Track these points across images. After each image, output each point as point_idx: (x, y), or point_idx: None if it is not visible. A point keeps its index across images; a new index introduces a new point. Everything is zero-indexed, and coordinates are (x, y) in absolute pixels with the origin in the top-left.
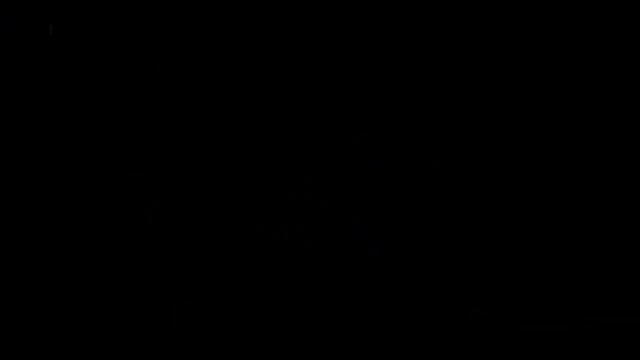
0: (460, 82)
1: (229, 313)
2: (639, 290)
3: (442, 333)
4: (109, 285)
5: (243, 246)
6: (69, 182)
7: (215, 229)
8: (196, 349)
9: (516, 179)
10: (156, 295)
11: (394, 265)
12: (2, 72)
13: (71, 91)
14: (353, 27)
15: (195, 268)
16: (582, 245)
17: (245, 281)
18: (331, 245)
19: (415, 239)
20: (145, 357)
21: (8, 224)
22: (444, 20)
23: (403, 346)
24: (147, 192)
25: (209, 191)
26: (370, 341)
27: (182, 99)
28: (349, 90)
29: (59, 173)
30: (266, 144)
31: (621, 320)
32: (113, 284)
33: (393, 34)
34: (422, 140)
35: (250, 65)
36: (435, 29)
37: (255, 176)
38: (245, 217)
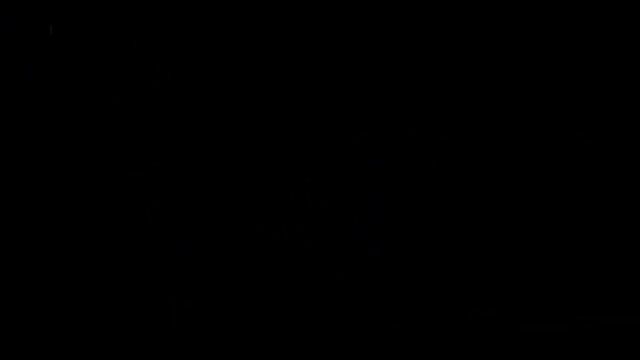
0: (460, 82)
1: (229, 313)
2: (639, 290)
3: (442, 333)
4: (109, 285)
5: (243, 246)
6: (69, 182)
7: (215, 229)
8: (196, 349)
9: (516, 179)
10: (156, 295)
11: (394, 265)
12: (2, 72)
13: (71, 91)
14: (353, 27)
15: (195, 268)
16: (582, 245)
17: (245, 281)
18: (331, 245)
19: (415, 239)
20: (146, 357)
21: (8, 224)
22: (444, 20)
23: (403, 346)
24: (147, 192)
25: (209, 191)
26: (370, 341)
27: (182, 99)
28: (349, 90)
29: (59, 173)
30: (266, 144)
31: (621, 320)
32: (113, 284)
33: (393, 34)
34: (422, 140)
35: (250, 65)
36: (435, 29)
37: (255, 176)
38: (245, 217)
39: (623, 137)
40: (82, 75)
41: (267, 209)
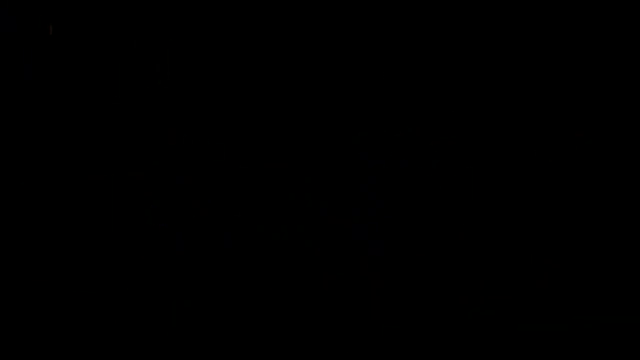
0: (460, 82)
1: (229, 313)
2: (639, 290)
3: (442, 333)
4: (109, 285)
5: (243, 246)
6: (69, 182)
7: (215, 229)
8: (196, 349)
9: (516, 179)
10: (156, 295)
11: (394, 265)
12: (2, 72)
13: (71, 91)
14: (353, 27)
15: (195, 268)
16: (582, 245)
17: (245, 281)
18: (331, 245)
19: (415, 239)
20: (146, 357)
21: (8, 224)
22: (444, 20)
23: (403, 346)
24: (147, 192)
25: (209, 191)
26: (370, 341)
27: (182, 99)
28: (349, 90)
29: (59, 173)
30: (266, 144)
31: (621, 320)
32: (113, 284)
33: (393, 34)
34: (422, 140)
35: (250, 65)
36: (435, 29)
37: (255, 176)
38: (245, 217)
39: (623, 137)
40: (82, 75)
41: (267, 209)
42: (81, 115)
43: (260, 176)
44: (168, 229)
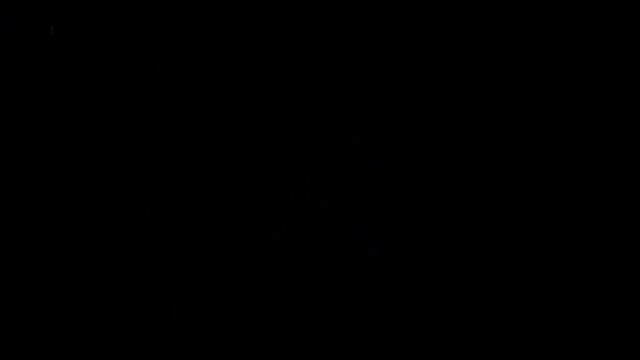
0: (460, 82)
1: (229, 313)
2: (639, 290)
3: (442, 333)
4: (109, 285)
5: (243, 246)
6: (69, 182)
7: (215, 229)
8: (196, 349)
9: (516, 179)
10: (156, 295)
11: (394, 265)
12: (2, 72)
13: (71, 91)
14: (352, 28)
15: (195, 268)
16: (582, 245)
17: (245, 281)
18: (331, 245)
19: (415, 239)
20: (146, 357)
21: (8, 224)
22: (444, 20)
23: (403, 346)
24: (147, 192)
25: (209, 191)
26: (370, 341)
27: (182, 99)
28: (349, 90)
29: (59, 173)
30: (266, 144)
31: (621, 320)
32: (113, 284)
33: (392, 34)
34: (422, 140)
35: (250, 65)
36: (435, 29)
37: (255, 176)
38: (245, 217)
39: (623, 137)
40: (82, 75)
41: (267, 209)
42: (81, 115)
43: (260, 176)
44: (168, 229)
